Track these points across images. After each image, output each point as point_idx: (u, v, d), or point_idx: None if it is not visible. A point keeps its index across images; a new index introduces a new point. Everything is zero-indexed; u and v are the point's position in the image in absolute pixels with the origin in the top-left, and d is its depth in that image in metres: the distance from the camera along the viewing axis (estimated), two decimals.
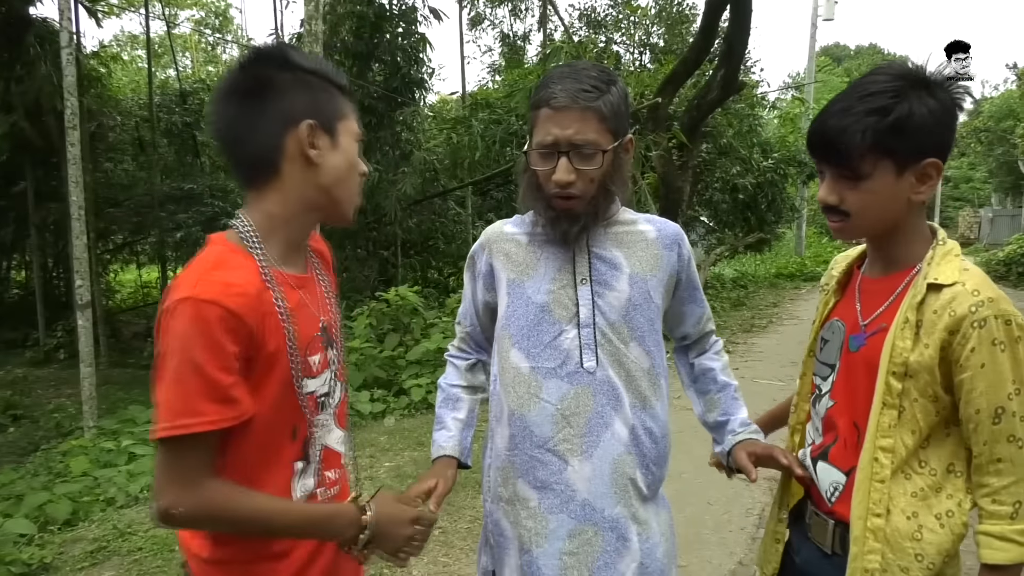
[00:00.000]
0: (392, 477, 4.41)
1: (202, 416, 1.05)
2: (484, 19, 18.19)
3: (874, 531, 1.28)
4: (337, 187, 1.23)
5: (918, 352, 1.26)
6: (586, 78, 1.39)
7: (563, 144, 1.38)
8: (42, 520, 3.89)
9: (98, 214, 11.99)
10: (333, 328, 1.32)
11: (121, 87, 16.42)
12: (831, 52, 50.78)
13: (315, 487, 1.26)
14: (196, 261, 1.16)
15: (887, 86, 1.24)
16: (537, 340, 1.47)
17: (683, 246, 1.57)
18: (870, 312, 1.37)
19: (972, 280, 1.25)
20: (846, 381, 1.39)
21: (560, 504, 1.45)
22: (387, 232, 11.15)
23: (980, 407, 1.23)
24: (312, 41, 5.42)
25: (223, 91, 1.21)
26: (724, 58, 11.63)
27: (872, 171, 1.25)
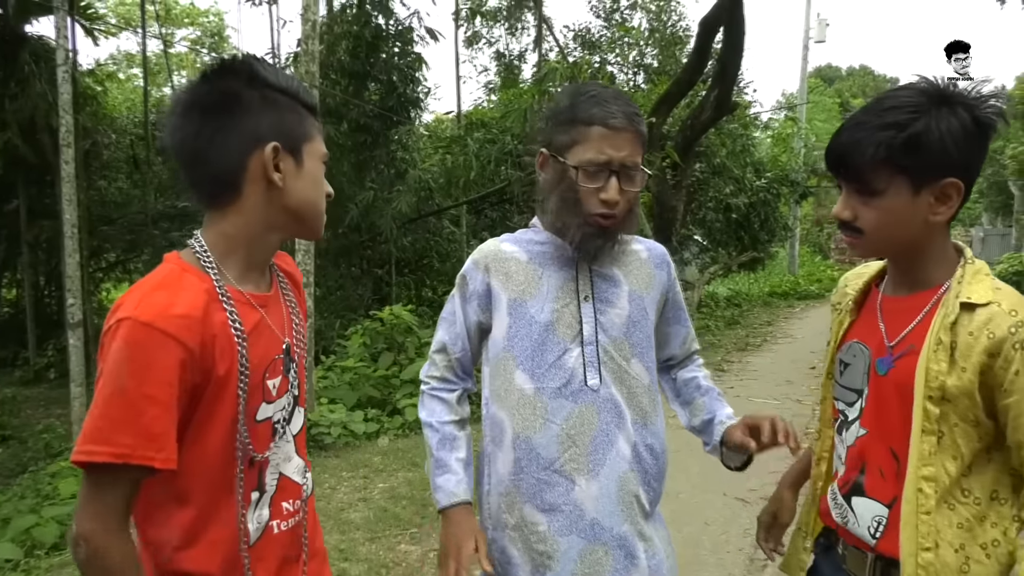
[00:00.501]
0: (386, 498, 4.36)
1: (113, 447, 0.98)
2: (481, 38, 18.31)
3: (925, 567, 1.22)
4: (301, 209, 1.18)
5: (956, 376, 1.20)
6: (630, 102, 1.44)
7: (615, 164, 1.40)
8: (29, 544, 3.83)
9: (91, 232, 11.95)
10: (295, 348, 1.26)
11: (116, 105, 16.43)
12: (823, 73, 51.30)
13: (269, 519, 1.19)
14: (143, 280, 1.10)
15: (908, 101, 1.20)
16: (542, 360, 1.46)
17: (671, 266, 1.62)
18: (896, 333, 1.31)
19: (1008, 300, 1.21)
20: (877, 407, 1.33)
21: (569, 525, 1.44)
22: (381, 250, 11.14)
23: None
24: (308, 60, 5.44)
25: (184, 103, 1.14)
26: (717, 79, 11.74)
27: (886, 188, 1.21)
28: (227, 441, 1.11)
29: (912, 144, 1.18)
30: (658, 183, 12.37)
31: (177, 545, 1.10)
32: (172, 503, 1.09)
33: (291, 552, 1.23)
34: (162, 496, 1.09)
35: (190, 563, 1.10)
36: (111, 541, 1.01)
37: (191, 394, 1.06)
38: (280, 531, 1.20)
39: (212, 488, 1.11)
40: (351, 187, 10.84)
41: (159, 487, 1.08)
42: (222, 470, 1.12)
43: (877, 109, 1.22)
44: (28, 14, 11.29)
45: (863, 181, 1.23)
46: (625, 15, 18.97)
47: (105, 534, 1.01)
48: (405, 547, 3.65)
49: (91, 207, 11.93)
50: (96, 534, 1.01)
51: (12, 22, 11.16)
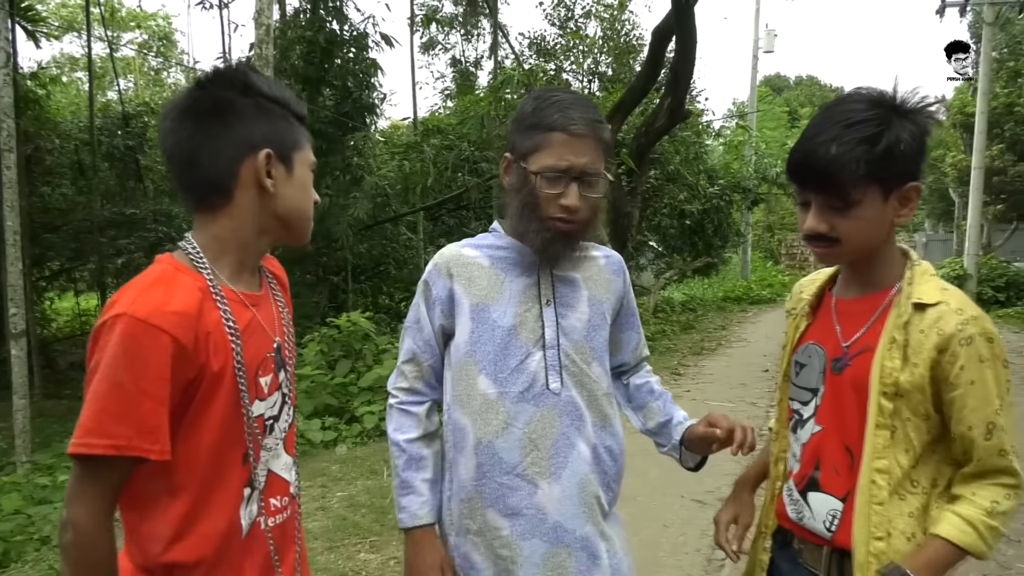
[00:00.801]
0: (345, 507, 4.30)
1: (112, 439, 1.02)
2: (437, 44, 18.32)
3: (877, 555, 1.27)
4: (291, 215, 1.22)
5: (908, 372, 1.27)
6: (593, 108, 1.44)
7: (576, 171, 1.41)
8: None
9: (34, 240, 11.56)
10: (286, 349, 1.29)
11: (60, 109, 15.97)
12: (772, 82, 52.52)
13: (257, 514, 1.21)
14: (138, 277, 1.13)
15: (870, 115, 1.25)
16: (504, 365, 1.46)
17: (626, 274, 1.65)
18: (851, 333, 1.37)
19: (955, 299, 1.28)
20: (833, 404, 1.38)
21: (532, 529, 1.44)
22: (337, 257, 11.01)
23: (973, 423, 1.25)
24: (263, 65, 5.38)
25: (179, 109, 1.17)
26: (670, 87, 11.94)
27: (862, 198, 1.26)
28: (221, 436, 1.14)
29: (887, 155, 1.24)
30: (613, 190, 12.52)
31: (171, 538, 1.12)
32: (166, 496, 1.12)
33: (280, 546, 1.25)
34: (156, 489, 1.11)
35: (183, 554, 1.12)
36: (97, 529, 1.05)
37: (184, 389, 1.09)
38: (268, 526, 1.23)
39: (205, 482, 1.13)
40: None
41: (153, 480, 1.10)
42: (215, 464, 1.14)
43: (842, 123, 1.25)
44: None
45: (841, 195, 1.26)
46: (579, 23, 19.16)
47: (93, 522, 1.05)
48: (365, 555, 3.61)
49: (33, 214, 11.55)
50: (84, 520, 1.05)
51: None
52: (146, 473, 1.09)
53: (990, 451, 1.25)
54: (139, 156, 13.48)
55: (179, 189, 1.21)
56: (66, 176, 13.45)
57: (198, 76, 1.26)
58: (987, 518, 1.24)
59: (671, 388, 8.27)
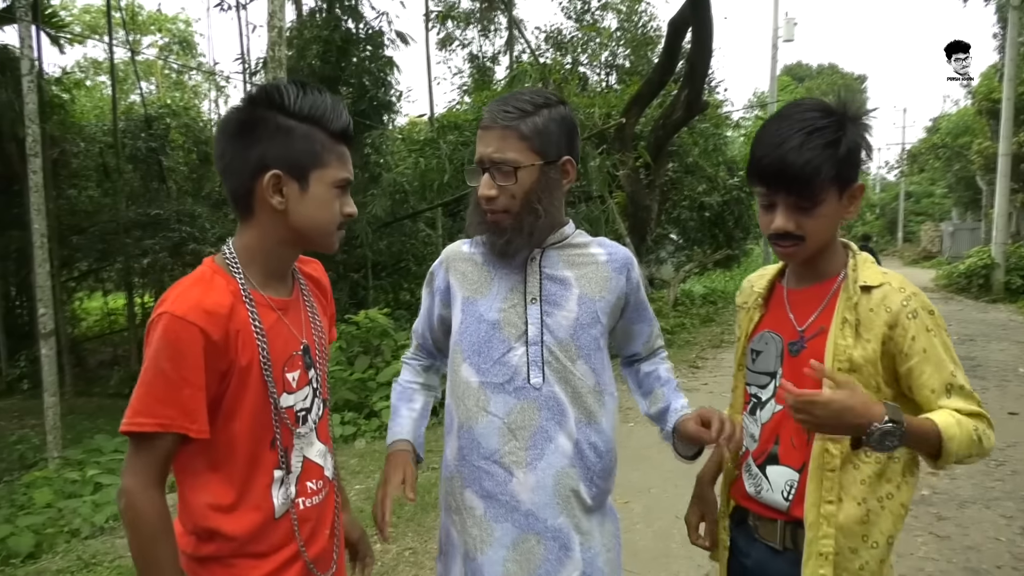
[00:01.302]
0: (363, 499, 4.39)
1: (157, 418, 1.17)
2: (454, 40, 18.36)
3: (827, 517, 1.37)
4: (306, 230, 1.30)
5: (861, 347, 1.38)
6: (516, 101, 1.47)
7: (486, 161, 1.47)
8: (4, 553, 3.82)
9: (62, 241, 11.84)
10: (315, 350, 1.39)
11: (85, 113, 16.27)
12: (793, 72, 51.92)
13: (296, 495, 1.34)
14: (182, 279, 1.27)
15: (827, 121, 1.36)
16: (487, 356, 1.52)
17: (632, 270, 1.62)
18: (804, 318, 1.48)
19: (896, 280, 1.42)
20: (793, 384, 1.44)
21: (505, 513, 1.49)
22: (357, 255, 11.13)
23: (934, 387, 1.35)
24: (276, 67, 5.46)
25: (220, 127, 1.31)
26: (687, 79, 11.87)
27: (825, 198, 1.37)
28: (253, 423, 1.27)
29: (847, 160, 1.36)
30: (631, 183, 12.49)
31: (210, 505, 1.26)
32: (207, 472, 1.27)
33: (316, 527, 1.38)
34: (200, 466, 1.27)
35: (222, 523, 1.26)
36: (145, 495, 1.19)
37: (219, 379, 1.23)
38: (305, 507, 1.35)
39: (240, 463, 1.27)
40: None
41: (197, 458, 1.26)
42: (249, 448, 1.28)
43: (803, 130, 1.35)
44: None
45: (810, 196, 1.36)
46: (596, 16, 19.11)
47: (142, 489, 1.19)
48: (380, 546, 3.68)
49: (61, 216, 11.83)
50: (135, 488, 1.19)
51: None
52: (191, 451, 1.24)
53: (958, 405, 1.34)
54: (161, 158, 13.72)
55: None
56: (92, 179, 13.74)
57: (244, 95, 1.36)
58: (972, 431, 1.32)
59: (689, 381, 8.29)
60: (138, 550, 1.21)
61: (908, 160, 37.96)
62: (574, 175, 1.55)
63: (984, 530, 3.86)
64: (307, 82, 1.31)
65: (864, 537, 1.38)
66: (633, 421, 6.39)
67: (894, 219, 44.24)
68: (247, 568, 1.29)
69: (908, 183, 43.11)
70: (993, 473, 4.77)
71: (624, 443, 5.73)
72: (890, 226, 44.78)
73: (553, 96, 1.53)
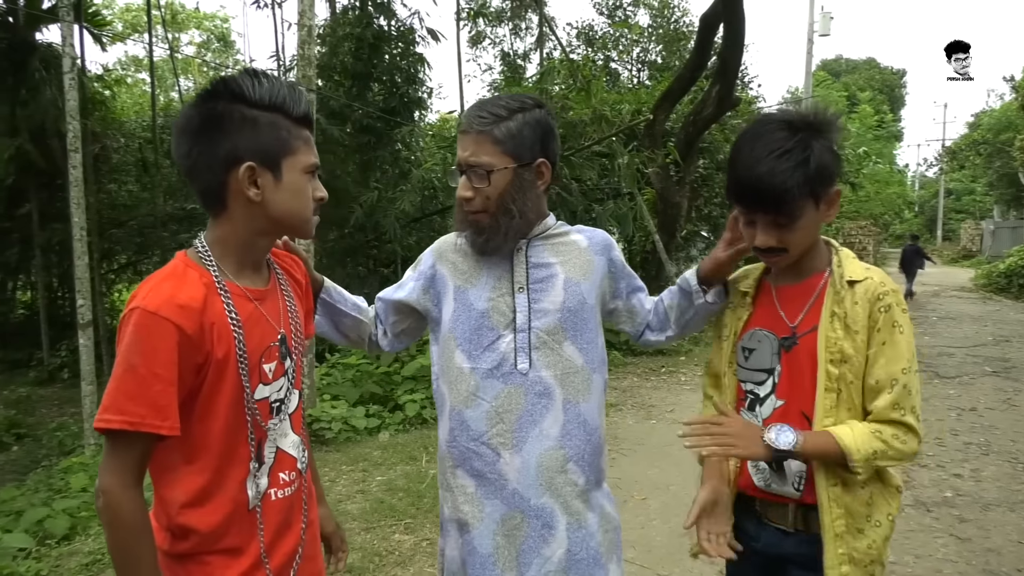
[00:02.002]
0: (384, 490, 4.48)
1: (126, 415, 1.15)
2: (485, 38, 18.41)
3: (836, 500, 1.47)
4: (283, 219, 1.30)
5: (850, 339, 1.46)
6: (492, 106, 1.55)
7: (462, 164, 1.56)
8: (41, 535, 3.97)
9: (102, 235, 12.15)
10: (292, 340, 1.39)
11: (125, 109, 16.65)
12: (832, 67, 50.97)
13: (268, 487, 1.33)
14: (154, 273, 1.26)
15: (794, 141, 1.42)
16: (478, 343, 1.60)
17: (612, 250, 1.73)
18: (795, 315, 1.56)
19: (877, 274, 1.52)
20: (790, 379, 1.54)
21: (494, 491, 1.57)
22: (387, 250, 11.25)
23: (879, 378, 1.45)
24: (305, 65, 5.55)
25: (178, 127, 1.28)
26: (719, 74, 11.75)
27: (802, 212, 1.46)
28: (230, 415, 1.26)
29: (818, 176, 1.44)
30: (661, 180, 12.42)
31: (184, 503, 1.25)
32: (182, 466, 1.25)
33: (288, 518, 1.37)
34: (175, 460, 1.25)
35: (195, 520, 1.25)
36: (124, 494, 1.17)
37: (195, 372, 1.21)
38: (277, 499, 1.34)
39: (216, 456, 1.26)
40: (356, 187, 10.98)
41: (173, 452, 1.24)
42: (226, 441, 1.26)
43: (773, 153, 1.42)
44: (38, 22, 11.50)
45: (788, 213, 1.45)
46: (628, 12, 19.00)
47: (120, 488, 1.17)
48: (399, 537, 3.77)
49: (101, 210, 12.13)
50: (112, 488, 1.17)
51: (22, 31, 11.37)
52: (167, 446, 1.22)
53: (887, 404, 1.43)
54: None
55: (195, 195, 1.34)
56: (131, 173, 14.06)
57: (197, 92, 1.34)
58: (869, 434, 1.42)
59: None
60: (116, 550, 1.19)
61: (948, 157, 37.09)
62: (549, 176, 1.61)
63: (1007, 533, 3.82)
64: (260, 70, 1.30)
65: (867, 517, 1.48)
66: (655, 418, 6.40)
67: (933, 217, 43.30)
68: (220, 566, 1.28)
69: (948, 180, 42.14)
70: (1020, 476, 4.71)
71: (644, 440, 5.76)
72: (929, 224, 43.82)
73: (530, 100, 1.59)
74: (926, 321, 12.41)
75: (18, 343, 13.05)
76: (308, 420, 5.68)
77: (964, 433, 5.70)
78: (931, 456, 5.11)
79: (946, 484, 4.57)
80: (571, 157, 10.67)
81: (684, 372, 8.51)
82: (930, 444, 5.37)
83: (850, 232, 23.85)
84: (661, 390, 7.54)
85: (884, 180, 31.58)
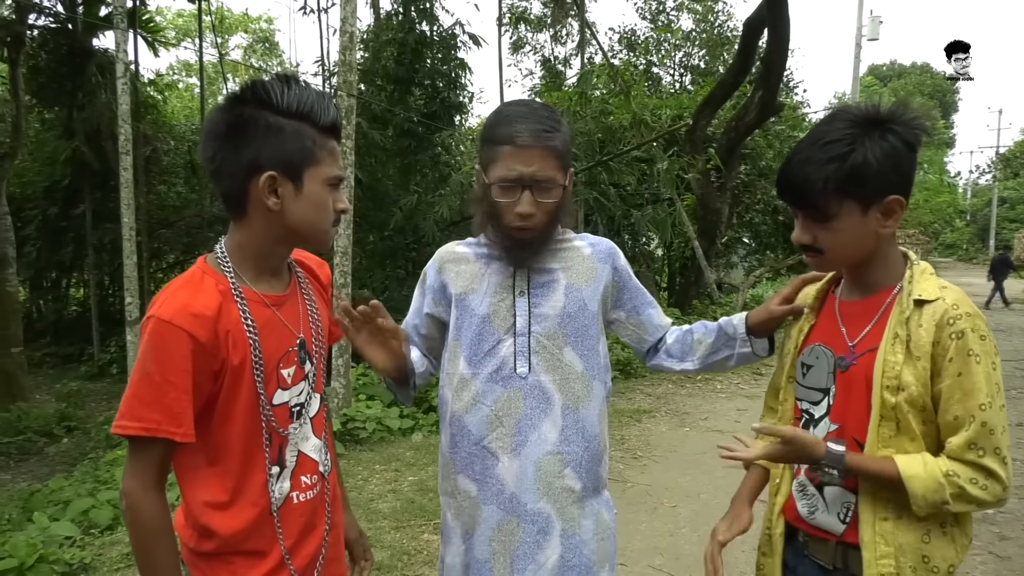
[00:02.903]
0: (415, 490, 4.53)
1: (143, 422, 1.17)
2: (525, 44, 18.48)
3: (884, 536, 1.32)
4: (301, 229, 1.29)
5: (911, 366, 1.31)
6: (543, 119, 1.52)
7: (527, 179, 1.51)
8: (86, 524, 4.12)
9: (151, 234, 12.51)
10: (312, 344, 1.39)
11: (175, 113, 17.12)
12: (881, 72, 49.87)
13: (290, 490, 1.33)
14: (172, 281, 1.28)
15: (843, 133, 1.31)
16: (479, 348, 1.60)
17: (617, 259, 1.70)
18: (856, 333, 1.42)
19: (952, 295, 1.33)
20: (844, 402, 1.41)
21: (492, 496, 1.57)
22: (426, 253, 11.34)
23: (957, 414, 1.28)
24: (347, 71, 5.66)
25: (204, 131, 1.28)
26: (762, 80, 11.62)
27: (838, 211, 1.33)
28: (249, 420, 1.27)
29: (855, 174, 1.30)
30: (702, 186, 12.33)
31: (207, 503, 1.26)
32: (206, 468, 1.27)
33: (312, 521, 1.37)
34: (198, 462, 1.27)
35: (216, 523, 1.26)
36: (144, 497, 1.20)
37: (212, 379, 1.22)
38: (299, 502, 1.34)
39: (238, 460, 1.27)
40: (396, 191, 11.12)
41: (196, 454, 1.26)
42: (246, 445, 1.27)
43: (818, 143, 1.33)
44: (94, 29, 11.93)
45: (817, 209, 1.34)
46: (671, 16, 18.88)
47: (141, 491, 1.20)
48: (428, 536, 3.81)
49: (151, 211, 12.49)
50: (133, 490, 1.20)
51: (80, 37, 11.79)
52: (189, 449, 1.24)
53: (962, 443, 1.28)
54: None
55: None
56: (180, 175, 14.47)
57: (224, 97, 1.33)
58: (942, 477, 1.27)
59: (752, 387, 8.15)
60: (138, 550, 1.22)
61: (1002, 164, 35.93)
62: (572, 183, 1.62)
63: None
64: (291, 75, 1.28)
65: (925, 559, 1.31)
66: (688, 426, 6.35)
67: (985, 226, 41.98)
68: (245, 566, 1.29)
69: (1002, 188, 40.84)
70: None
71: (677, 448, 5.73)
72: (981, 233, 42.52)
73: (557, 110, 1.60)
74: None
75: (70, 339, 13.52)
76: (343, 419, 5.80)
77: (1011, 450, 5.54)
78: None
79: None
80: (610, 162, 10.66)
81: (720, 380, 8.42)
82: None
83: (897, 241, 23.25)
84: (696, 397, 7.46)
85: (934, 188, 30.76)
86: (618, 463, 5.17)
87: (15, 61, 10.16)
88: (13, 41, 10.04)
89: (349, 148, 5.85)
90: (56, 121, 12.70)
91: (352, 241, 6.16)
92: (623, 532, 3.47)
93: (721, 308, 12.04)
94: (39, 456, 8.31)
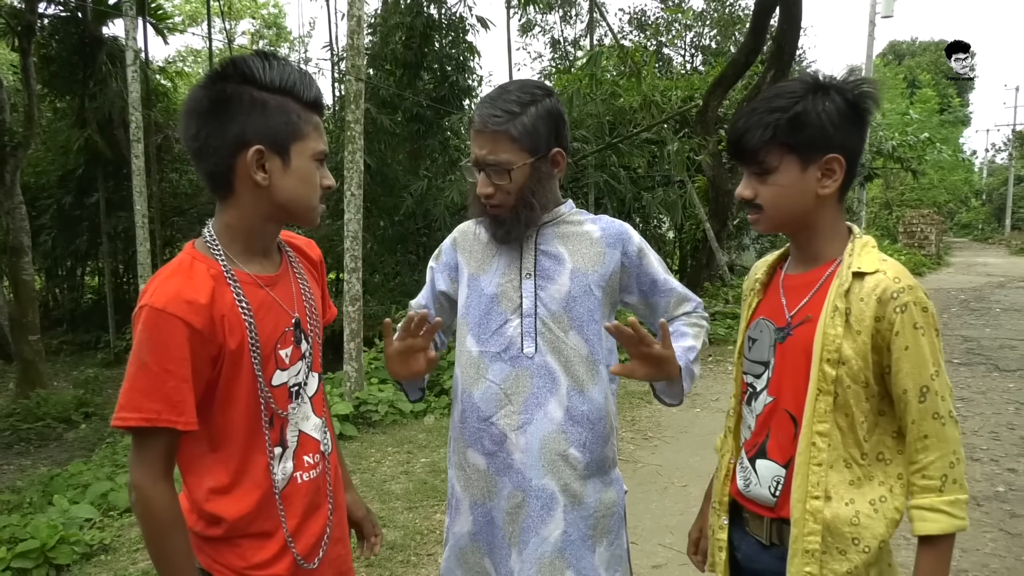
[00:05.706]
0: (427, 472, 4.58)
1: (143, 412, 1.15)
2: (535, 25, 18.36)
3: (813, 513, 1.33)
4: (289, 205, 1.27)
5: (851, 339, 1.32)
6: (504, 103, 1.54)
7: (480, 162, 1.57)
8: (105, 506, 4.20)
9: (164, 222, 12.63)
10: (307, 323, 1.38)
11: None
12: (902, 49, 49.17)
13: (293, 470, 1.34)
14: (162, 268, 1.25)
15: (790, 89, 1.35)
16: (487, 327, 1.63)
17: (628, 243, 1.67)
18: (795, 305, 1.43)
19: (893, 268, 1.33)
20: (781, 375, 1.43)
21: (504, 469, 1.61)
22: (437, 238, 11.39)
23: (907, 387, 1.30)
24: (354, 55, 5.65)
25: (185, 108, 1.24)
26: (774, 58, 11.47)
27: (778, 165, 1.34)
28: (249, 403, 1.26)
29: (795, 123, 1.32)
30: (713, 167, 12.24)
31: (211, 489, 1.26)
32: (209, 455, 1.26)
33: (316, 500, 1.38)
34: (201, 450, 1.26)
35: (222, 508, 1.26)
36: (154, 488, 1.18)
37: (211, 365, 1.21)
38: (303, 481, 1.35)
39: (241, 444, 1.27)
40: (406, 176, 11.14)
41: (199, 442, 1.25)
42: (247, 428, 1.27)
43: (766, 98, 1.36)
44: (104, 17, 11.97)
45: (757, 161, 1.36)
46: None
47: (150, 483, 1.18)
48: (440, 516, 3.85)
49: (164, 198, 12.60)
50: (142, 482, 1.18)
51: (90, 26, 11.84)
52: (193, 436, 1.23)
53: (923, 414, 1.29)
54: None
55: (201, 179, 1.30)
56: (192, 163, 14.52)
57: (204, 74, 1.30)
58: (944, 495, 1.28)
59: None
60: (151, 542, 1.20)
61: (1018, 142, 35.45)
62: (564, 164, 1.62)
63: None
64: (272, 52, 1.26)
65: (855, 540, 1.32)
66: (699, 407, 6.36)
67: (1002, 205, 41.49)
68: (253, 548, 1.29)
69: (1019, 167, 40.32)
70: None
71: (688, 428, 5.74)
72: (997, 212, 42.04)
73: (539, 90, 1.58)
74: (989, 312, 11.96)
75: (87, 326, 13.70)
76: (356, 403, 5.86)
77: (1021, 428, 5.51)
78: (985, 450, 4.96)
79: (999, 479, 4.44)
80: (620, 144, 10.62)
81: (731, 361, 8.38)
82: (985, 438, 5.22)
83: (911, 220, 23.03)
84: (707, 378, 7.46)
85: (949, 167, 30.42)
86: (629, 443, 5.20)
87: (26, 50, 10.21)
88: (24, 30, 10.09)
89: (358, 133, 5.85)
90: (68, 110, 12.81)
91: (363, 227, 6.18)
92: (633, 511, 3.49)
93: (732, 290, 11.99)
94: (58, 442, 8.45)
